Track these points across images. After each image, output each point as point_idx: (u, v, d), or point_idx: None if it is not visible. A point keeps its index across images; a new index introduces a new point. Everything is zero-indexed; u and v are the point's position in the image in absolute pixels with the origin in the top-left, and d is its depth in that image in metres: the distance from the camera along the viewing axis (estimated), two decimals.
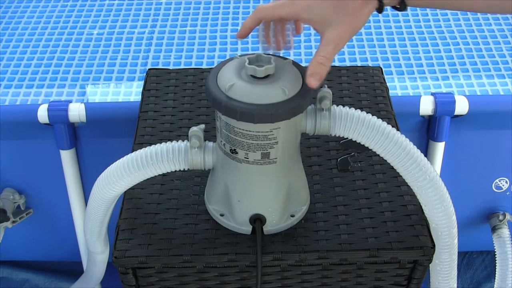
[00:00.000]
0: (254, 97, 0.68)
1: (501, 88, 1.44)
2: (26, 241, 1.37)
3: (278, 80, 0.70)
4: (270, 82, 0.70)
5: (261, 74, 0.69)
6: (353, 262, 0.79)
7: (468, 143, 1.20)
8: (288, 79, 0.70)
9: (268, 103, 0.68)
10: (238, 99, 0.68)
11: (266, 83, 0.69)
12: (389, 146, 0.74)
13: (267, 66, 0.69)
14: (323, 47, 0.69)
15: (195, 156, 0.75)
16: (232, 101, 0.68)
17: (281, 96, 0.68)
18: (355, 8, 0.69)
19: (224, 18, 1.69)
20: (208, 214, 0.81)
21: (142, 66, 1.52)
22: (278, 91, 0.69)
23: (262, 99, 0.68)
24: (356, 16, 0.69)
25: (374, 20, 1.69)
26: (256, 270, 0.77)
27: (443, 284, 0.84)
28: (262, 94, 0.68)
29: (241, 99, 0.68)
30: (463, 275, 1.36)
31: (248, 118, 0.68)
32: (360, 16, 0.69)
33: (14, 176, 1.25)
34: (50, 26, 1.67)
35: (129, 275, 0.78)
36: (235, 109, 0.68)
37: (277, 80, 0.70)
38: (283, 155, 0.74)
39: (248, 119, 0.68)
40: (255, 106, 0.68)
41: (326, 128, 0.74)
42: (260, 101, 0.68)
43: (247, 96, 0.68)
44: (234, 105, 0.68)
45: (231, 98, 0.68)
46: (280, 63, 0.72)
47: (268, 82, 0.70)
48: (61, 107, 1.14)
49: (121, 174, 0.76)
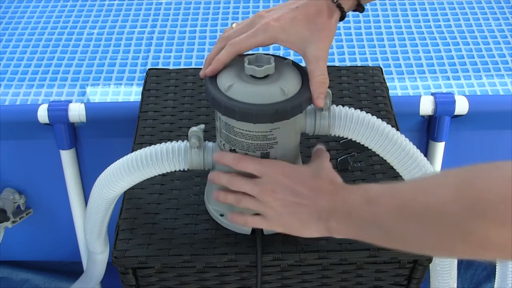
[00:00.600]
0: (254, 97, 0.68)
1: (501, 88, 1.44)
2: (26, 241, 1.37)
3: (277, 80, 0.70)
4: (270, 82, 0.69)
5: (260, 74, 0.69)
6: (353, 262, 0.79)
7: (468, 143, 1.20)
8: (287, 79, 0.70)
9: (267, 103, 0.68)
10: (237, 99, 0.68)
11: (266, 83, 0.69)
12: (389, 146, 0.74)
13: (266, 66, 0.69)
14: (315, 66, 0.70)
15: (195, 156, 0.75)
16: (231, 101, 0.68)
17: (281, 96, 0.68)
18: (323, 22, 0.71)
19: (224, 18, 1.69)
20: (208, 214, 0.81)
21: (142, 66, 1.52)
22: (278, 91, 0.68)
23: (261, 99, 0.68)
24: (328, 29, 0.71)
25: (374, 20, 1.69)
26: (256, 270, 0.77)
27: (443, 284, 0.84)
28: (262, 94, 0.68)
29: (241, 99, 0.68)
30: (463, 275, 1.36)
31: (247, 118, 0.68)
32: (330, 27, 0.71)
33: (14, 176, 1.25)
34: (50, 26, 1.67)
35: (129, 275, 0.78)
36: (234, 109, 0.68)
37: (277, 80, 0.70)
38: (283, 155, 0.74)
39: (247, 119, 0.68)
40: (254, 106, 0.68)
41: (326, 128, 0.74)
42: (260, 101, 0.68)
43: (247, 96, 0.68)
44: (234, 105, 0.68)
45: (230, 98, 0.68)
46: (279, 63, 0.72)
47: (268, 82, 0.70)
48: (61, 107, 1.14)
49: (121, 174, 0.76)
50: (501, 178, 0.50)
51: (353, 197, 0.65)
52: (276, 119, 0.68)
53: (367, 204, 0.63)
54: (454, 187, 0.54)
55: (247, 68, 0.69)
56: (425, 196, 0.57)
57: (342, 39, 1.59)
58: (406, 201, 0.59)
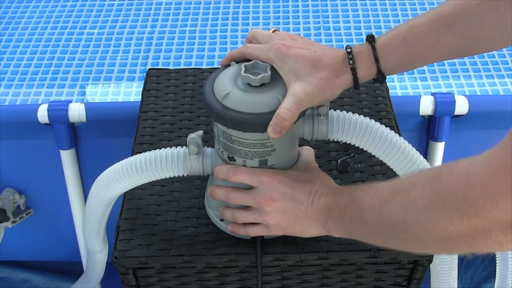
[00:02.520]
0: (249, 106, 0.68)
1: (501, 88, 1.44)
2: (26, 241, 1.37)
3: (273, 88, 0.69)
4: (266, 91, 0.69)
5: (256, 83, 0.69)
6: (353, 263, 0.79)
7: (468, 143, 1.20)
8: (284, 87, 0.70)
9: (262, 112, 0.68)
10: (232, 107, 0.68)
11: (262, 92, 0.69)
12: (388, 149, 0.74)
13: (262, 75, 0.69)
14: (288, 99, 0.68)
15: (194, 162, 0.75)
16: (225, 110, 0.68)
17: (276, 105, 0.68)
18: (328, 75, 0.69)
19: (224, 18, 1.69)
20: (208, 218, 0.81)
21: (142, 66, 1.52)
22: (273, 100, 0.68)
23: (256, 108, 0.68)
24: (327, 82, 0.69)
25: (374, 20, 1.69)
26: (256, 270, 0.77)
27: (443, 283, 0.84)
28: (257, 103, 0.68)
29: (236, 108, 0.68)
30: (463, 275, 1.36)
31: (238, 127, 0.68)
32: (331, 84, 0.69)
33: (14, 176, 1.25)
34: (50, 26, 1.67)
35: (129, 275, 0.78)
36: (225, 117, 0.68)
37: (273, 89, 0.69)
38: (281, 161, 0.74)
39: (238, 128, 0.68)
40: (246, 115, 0.67)
41: (324, 133, 0.74)
42: (255, 110, 0.68)
43: (242, 105, 0.68)
44: (226, 114, 0.68)
45: (225, 106, 0.68)
46: (277, 71, 0.72)
47: (264, 90, 0.69)
48: (61, 107, 1.14)
49: (119, 177, 0.76)
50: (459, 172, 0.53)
51: (343, 197, 0.68)
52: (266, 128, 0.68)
53: (354, 203, 0.66)
54: (422, 184, 0.57)
55: (243, 76, 0.69)
56: (401, 195, 0.60)
57: (342, 39, 1.59)
58: (386, 199, 0.62)
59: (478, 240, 0.52)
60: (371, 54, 0.69)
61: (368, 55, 0.70)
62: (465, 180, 0.51)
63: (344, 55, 0.70)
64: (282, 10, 1.72)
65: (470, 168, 0.52)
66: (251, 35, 0.76)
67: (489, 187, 0.49)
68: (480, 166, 0.51)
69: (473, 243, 0.53)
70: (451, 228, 0.53)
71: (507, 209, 0.49)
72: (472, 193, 0.51)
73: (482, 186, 0.50)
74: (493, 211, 0.49)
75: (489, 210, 0.50)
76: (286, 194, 0.71)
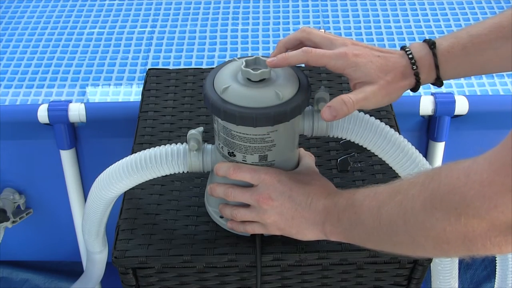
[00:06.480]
0: (248, 100, 0.68)
1: (501, 88, 1.44)
2: (26, 241, 1.37)
3: (273, 83, 0.70)
4: (265, 86, 0.69)
5: (256, 78, 0.69)
6: (353, 262, 0.79)
7: (468, 143, 1.20)
8: (284, 83, 0.70)
9: (259, 107, 0.68)
10: (231, 101, 0.68)
11: (261, 87, 0.69)
12: (387, 147, 0.74)
13: (262, 70, 0.69)
14: (355, 92, 0.70)
15: (194, 159, 0.75)
16: (223, 103, 0.68)
17: (275, 100, 0.68)
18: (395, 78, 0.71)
19: (224, 18, 1.69)
20: (208, 216, 0.81)
21: (142, 66, 1.52)
22: (272, 95, 0.68)
23: (255, 102, 0.68)
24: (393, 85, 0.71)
25: (374, 20, 1.70)
26: (256, 270, 0.77)
27: (444, 283, 0.84)
28: (256, 97, 0.68)
29: (234, 102, 0.68)
30: (463, 275, 1.36)
31: (231, 120, 0.68)
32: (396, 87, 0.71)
33: (14, 176, 1.25)
34: (50, 26, 1.67)
35: (129, 275, 0.78)
36: (219, 110, 0.68)
37: (273, 84, 0.69)
38: (281, 157, 0.74)
39: (231, 120, 0.68)
40: (244, 109, 0.67)
41: (324, 129, 0.74)
42: (254, 105, 0.68)
43: (241, 99, 0.68)
44: (222, 106, 0.68)
45: (225, 100, 0.68)
46: None
47: (263, 85, 0.69)
48: (61, 107, 1.14)
49: (120, 176, 0.76)
50: (460, 171, 0.53)
51: (341, 200, 0.68)
52: (261, 123, 0.68)
53: (352, 206, 0.66)
54: (421, 183, 0.57)
55: (243, 71, 0.69)
56: (400, 195, 0.59)
57: None
58: (385, 201, 0.62)
59: (476, 242, 0.52)
60: (432, 61, 0.71)
61: (429, 61, 0.71)
62: (465, 179, 0.51)
63: (407, 60, 0.71)
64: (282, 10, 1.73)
65: (471, 167, 0.52)
66: (305, 36, 0.74)
67: (488, 185, 0.49)
68: (480, 165, 0.51)
69: (471, 246, 0.53)
70: (449, 228, 0.53)
71: (505, 210, 0.49)
72: (471, 192, 0.50)
73: (481, 184, 0.50)
74: (491, 212, 0.49)
75: (487, 210, 0.49)
76: (284, 193, 0.71)
